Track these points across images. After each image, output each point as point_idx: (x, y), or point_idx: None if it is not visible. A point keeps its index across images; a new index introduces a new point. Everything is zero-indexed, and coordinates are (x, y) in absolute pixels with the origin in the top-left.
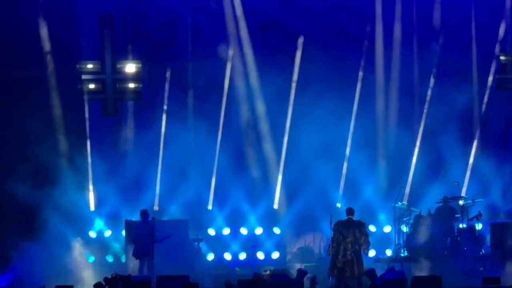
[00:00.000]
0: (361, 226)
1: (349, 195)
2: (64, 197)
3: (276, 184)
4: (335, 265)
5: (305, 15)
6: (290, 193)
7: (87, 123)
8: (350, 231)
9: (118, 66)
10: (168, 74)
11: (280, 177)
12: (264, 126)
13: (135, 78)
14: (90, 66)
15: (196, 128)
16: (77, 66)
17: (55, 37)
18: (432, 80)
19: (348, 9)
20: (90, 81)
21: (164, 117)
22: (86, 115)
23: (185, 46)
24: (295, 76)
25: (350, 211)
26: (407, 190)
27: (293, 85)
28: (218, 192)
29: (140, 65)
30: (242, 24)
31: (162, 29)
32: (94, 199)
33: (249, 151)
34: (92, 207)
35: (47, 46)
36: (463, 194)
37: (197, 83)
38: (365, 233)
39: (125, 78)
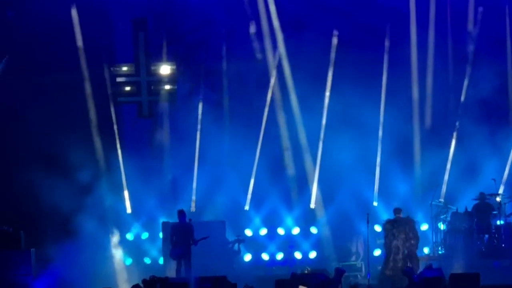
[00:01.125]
0: (410, 223)
1: (385, 193)
2: (101, 200)
3: (312, 184)
4: (388, 263)
5: (337, 15)
6: (326, 192)
7: (121, 126)
8: (401, 229)
9: (153, 68)
10: (202, 75)
11: (316, 176)
12: (300, 126)
13: (170, 80)
14: (124, 68)
15: (231, 129)
16: (112, 69)
17: (89, 41)
18: (467, 76)
19: (381, 7)
20: (125, 83)
21: (199, 118)
22: (119, 117)
23: (219, 48)
24: (329, 78)
25: (397, 210)
26: (444, 187)
27: (328, 83)
28: (255, 192)
29: (174, 67)
30: (276, 25)
31: (196, 30)
32: (130, 202)
33: (285, 152)
34: (128, 210)
35: (81, 49)
36: (500, 191)
37: (231, 85)
38: (415, 229)
39: (160, 80)
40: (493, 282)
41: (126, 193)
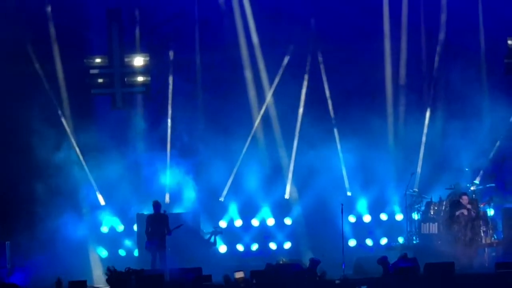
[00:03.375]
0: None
1: (360, 183)
2: (75, 193)
3: (287, 175)
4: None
5: (313, 7)
6: (301, 183)
7: (95, 118)
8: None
9: (126, 59)
10: (175, 66)
11: (292, 167)
12: (274, 116)
13: (143, 71)
14: (98, 60)
15: (205, 118)
16: (85, 60)
17: (63, 32)
18: (436, 64)
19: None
20: (99, 75)
21: (169, 108)
22: (93, 109)
23: (193, 39)
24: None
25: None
26: (418, 176)
27: (305, 78)
28: (232, 183)
29: (148, 58)
30: (249, 16)
31: (170, 21)
32: (106, 194)
33: (260, 142)
34: (102, 202)
35: (55, 41)
36: (477, 180)
37: (205, 75)
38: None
39: (133, 72)
40: (467, 271)
41: (95, 185)
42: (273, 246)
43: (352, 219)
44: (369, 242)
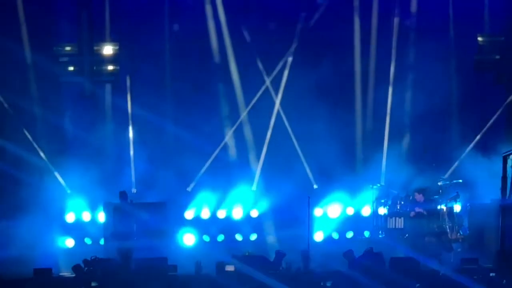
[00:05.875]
0: None
1: (327, 176)
2: (41, 180)
3: (256, 166)
4: None
5: None
6: (268, 174)
7: (63, 106)
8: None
9: (96, 48)
10: (141, 55)
11: (262, 158)
12: (242, 105)
13: (113, 60)
14: (67, 48)
15: (175, 108)
16: (54, 48)
17: (32, 20)
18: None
19: None
20: (68, 63)
21: (128, 97)
22: (61, 97)
23: (163, 27)
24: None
25: None
26: (384, 170)
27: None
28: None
29: (117, 47)
30: (219, 4)
31: (140, 10)
32: (72, 182)
33: (230, 132)
34: (68, 190)
35: (24, 28)
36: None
37: (175, 64)
38: None
39: (103, 60)
40: (432, 266)
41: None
42: (239, 237)
43: (318, 212)
44: (335, 235)
